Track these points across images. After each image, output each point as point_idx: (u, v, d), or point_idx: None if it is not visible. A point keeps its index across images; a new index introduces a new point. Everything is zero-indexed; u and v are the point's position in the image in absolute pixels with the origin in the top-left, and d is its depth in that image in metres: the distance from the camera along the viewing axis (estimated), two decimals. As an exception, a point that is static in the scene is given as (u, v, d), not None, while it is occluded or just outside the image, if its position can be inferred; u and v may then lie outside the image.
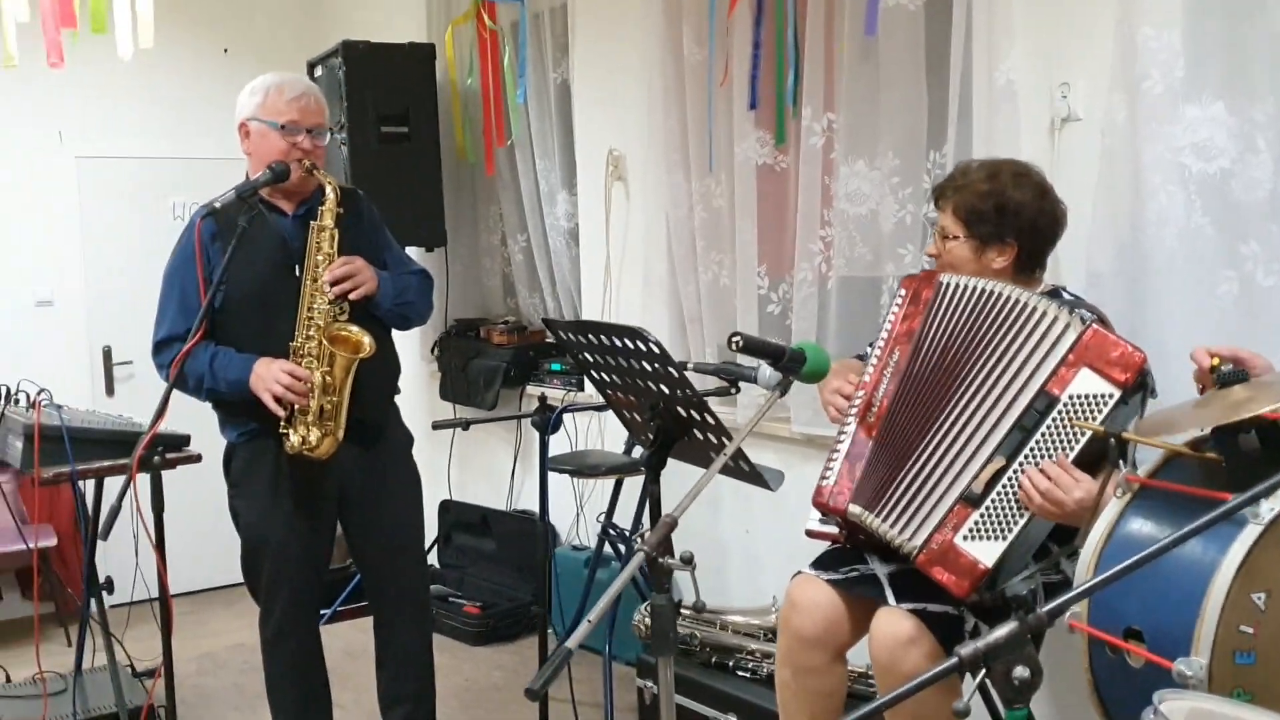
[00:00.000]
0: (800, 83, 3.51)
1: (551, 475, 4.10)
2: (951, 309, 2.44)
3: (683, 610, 2.13)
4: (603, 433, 4.51)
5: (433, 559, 5.14)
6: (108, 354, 5.54)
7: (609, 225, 4.45)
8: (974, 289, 2.41)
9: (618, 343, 2.32)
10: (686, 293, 4.06)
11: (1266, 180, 2.42)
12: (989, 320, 2.36)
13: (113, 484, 3.45)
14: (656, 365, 2.27)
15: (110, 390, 5.55)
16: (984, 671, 1.36)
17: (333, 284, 2.95)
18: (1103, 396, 2.16)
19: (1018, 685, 1.36)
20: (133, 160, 5.54)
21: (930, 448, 2.37)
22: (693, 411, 2.27)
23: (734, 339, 2.20)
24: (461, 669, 4.29)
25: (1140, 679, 1.61)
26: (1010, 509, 2.22)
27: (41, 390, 3.45)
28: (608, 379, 2.53)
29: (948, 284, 2.47)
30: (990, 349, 2.34)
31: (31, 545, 3.63)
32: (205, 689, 4.33)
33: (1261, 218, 2.44)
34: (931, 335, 2.46)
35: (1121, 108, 2.62)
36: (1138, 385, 2.19)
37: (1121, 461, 1.81)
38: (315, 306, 2.97)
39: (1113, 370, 2.16)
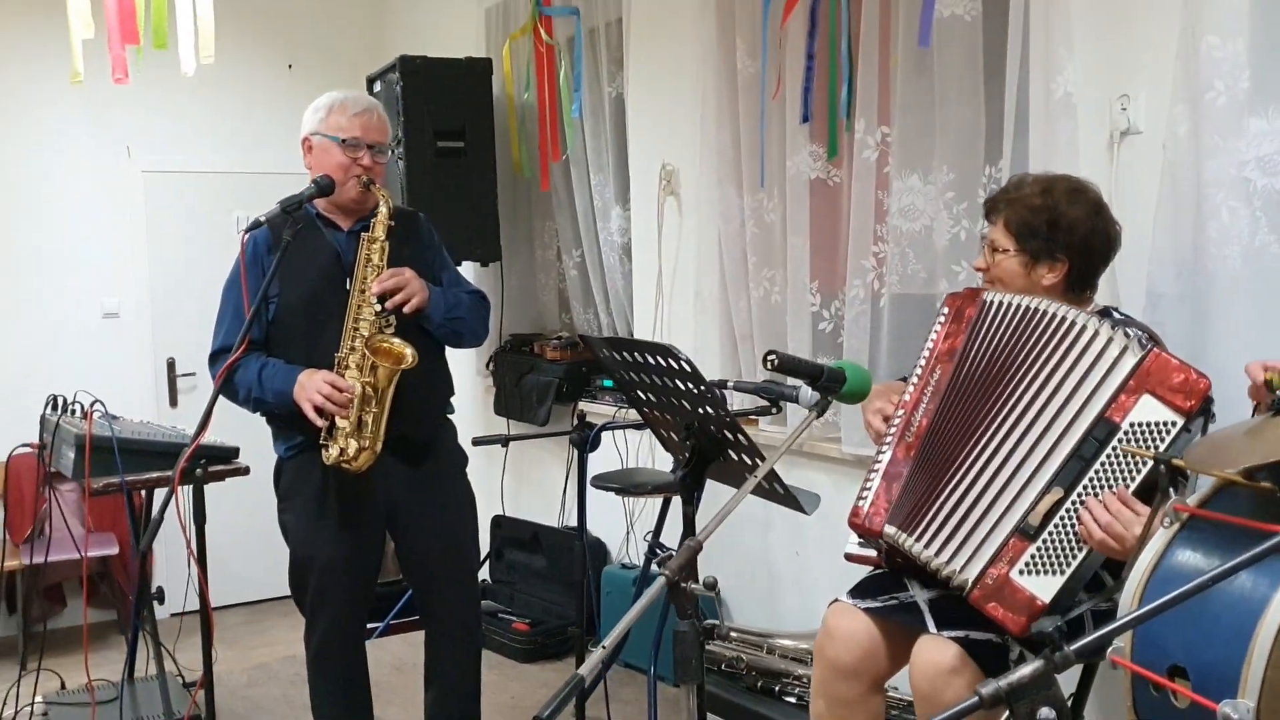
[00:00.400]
0: (854, 95, 3.44)
1: (603, 493, 4.08)
2: (996, 327, 2.35)
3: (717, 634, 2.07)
4: (654, 451, 4.46)
5: (484, 574, 5.12)
6: (171, 365, 5.63)
7: (661, 240, 4.41)
8: (1019, 307, 2.32)
9: (650, 360, 2.27)
10: (738, 309, 4.00)
11: (1336, 196, 2.30)
12: (1035, 338, 2.27)
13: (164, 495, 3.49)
14: (689, 384, 2.22)
15: (174, 402, 5.64)
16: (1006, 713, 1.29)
17: (381, 296, 2.95)
18: (1166, 425, 2.07)
19: (1042, 728, 1.28)
20: (198, 174, 5.64)
21: (973, 470, 2.28)
22: (726, 431, 2.22)
23: (769, 358, 2.14)
24: (509, 687, 4.26)
25: (1186, 721, 1.52)
26: (1068, 542, 2.13)
27: (95, 401, 3.48)
28: (644, 397, 2.48)
29: (991, 302, 2.39)
30: (1037, 368, 2.24)
31: (83, 554, 3.62)
32: (254, 699, 4.35)
33: (1330, 236, 2.32)
34: (974, 354, 2.37)
35: (1184, 120, 2.51)
36: (1200, 412, 2.09)
37: (1173, 490, 1.71)
38: (362, 317, 2.96)
39: (1176, 397, 2.07)
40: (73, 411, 3.62)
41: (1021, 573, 2.16)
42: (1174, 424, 2.06)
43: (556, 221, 5.18)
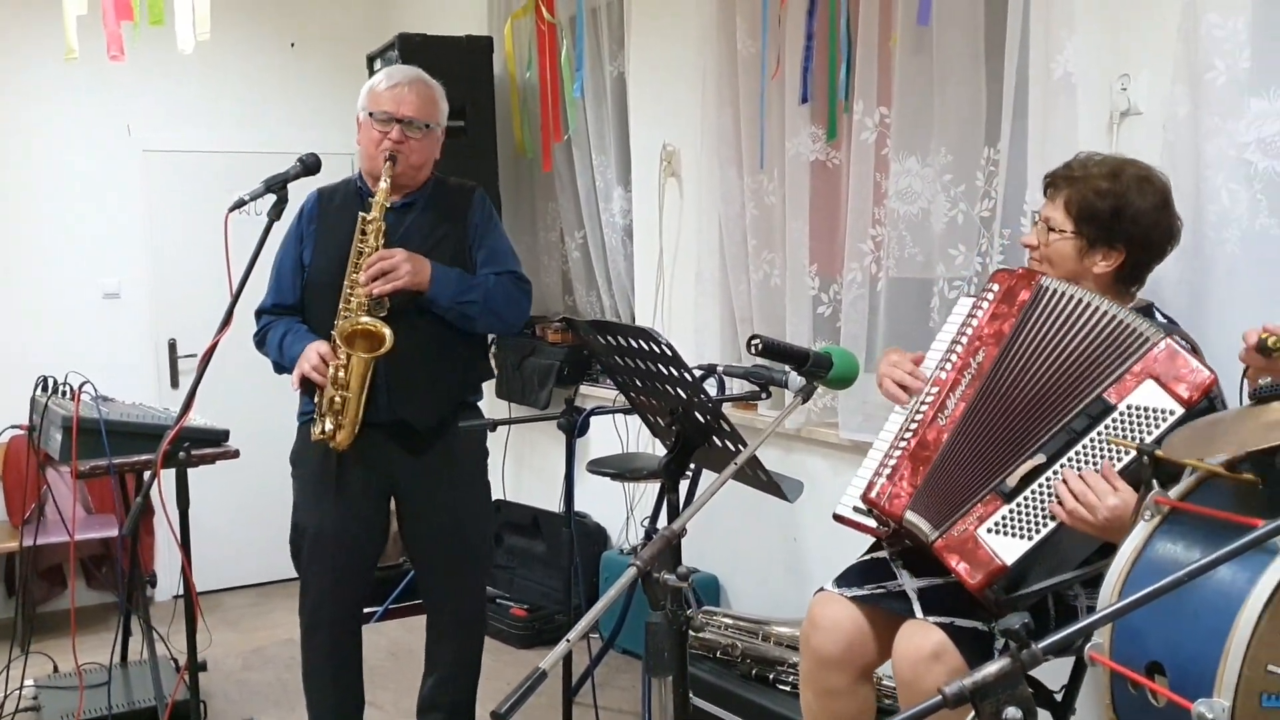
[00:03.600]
0: (853, 76, 3.38)
1: (602, 478, 4.04)
2: (1050, 317, 2.23)
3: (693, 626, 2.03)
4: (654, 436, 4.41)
5: (484, 558, 5.10)
6: (173, 346, 5.61)
7: (663, 222, 4.36)
8: (1076, 300, 2.21)
9: (633, 343, 2.23)
10: (738, 292, 3.95)
11: (1339, 178, 2.24)
12: (1087, 336, 2.17)
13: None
14: (672, 368, 2.17)
15: (175, 383, 5.62)
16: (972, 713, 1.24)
17: (368, 281, 2.91)
18: (1162, 412, 2.03)
19: (1009, 728, 1.23)
20: (199, 154, 5.60)
21: (1006, 462, 2.18)
22: (709, 417, 2.17)
23: (754, 342, 2.09)
24: (504, 673, 4.23)
25: (1164, 719, 1.47)
26: (1042, 510, 2.09)
27: (85, 382, 3.46)
28: (630, 381, 2.44)
29: (1049, 288, 2.26)
30: (1082, 366, 2.15)
31: (72, 537, 3.60)
32: (248, 683, 4.34)
33: (1332, 219, 2.26)
34: (1024, 343, 2.24)
35: (1184, 101, 2.45)
36: (1203, 408, 2.03)
37: (1155, 482, 1.66)
38: (354, 296, 2.93)
39: (1178, 386, 2.03)
40: (63, 393, 3.60)
41: (990, 531, 2.12)
42: (1171, 412, 2.02)
43: (559, 203, 5.13)
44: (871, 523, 2.40)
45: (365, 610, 3.41)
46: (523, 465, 5.24)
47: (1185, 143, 2.43)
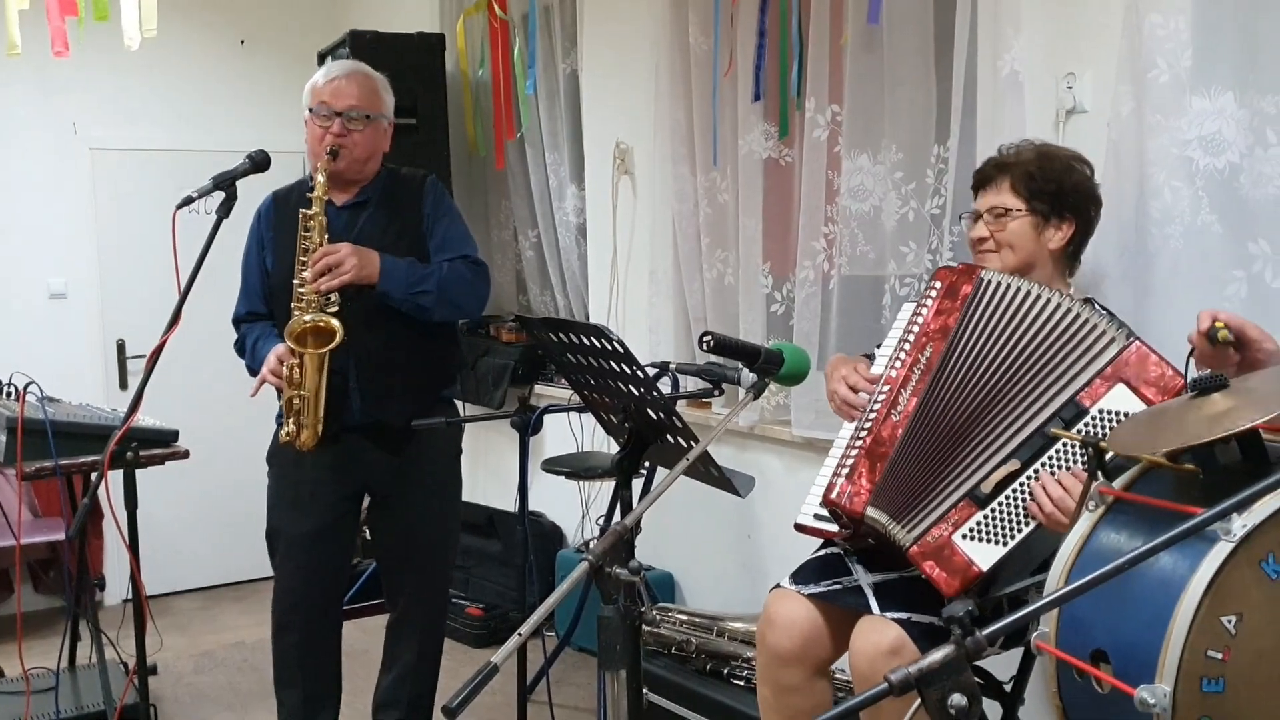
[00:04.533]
0: (805, 73, 3.40)
1: (558, 477, 4.04)
2: (992, 309, 2.26)
3: (645, 620, 2.04)
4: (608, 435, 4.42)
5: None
6: (121, 347, 5.53)
7: (616, 221, 4.37)
8: (1017, 289, 2.25)
9: (585, 341, 2.22)
10: (691, 290, 3.96)
11: (1277, 175, 2.28)
12: (1033, 326, 2.21)
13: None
14: (623, 365, 2.17)
15: (124, 384, 5.54)
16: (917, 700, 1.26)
17: (315, 277, 2.88)
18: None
19: (954, 714, 1.24)
20: (147, 152, 5.53)
21: (972, 464, 2.20)
22: (661, 414, 2.18)
23: (705, 339, 2.09)
24: (459, 671, 4.21)
25: (1109, 705, 1.49)
26: (1016, 515, 2.11)
27: (30, 382, 3.40)
28: (582, 379, 2.43)
29: (989, 281, 2.29)
30: (1033, 357, 2.19)
31: (18, 540, 3.55)
32: (199, 687, 4.29)
33: (1272, 215, 2.30)
34: (968, 335, 2.28)
35: (1128, 99, 2.49)
36: None
37: (1100, 473, 1.69)
38: (304, 295, 2.90)
39: (1148, 390, 2.07)
40: (8, 394, 3.54)
41: (965, 537, 2.14)
42: None
43: (512, 201, 5.12)
44: (834, 527, 2.40)
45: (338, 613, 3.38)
46: (478, 465, 5.21)
47: (1129, 140, 2.47)
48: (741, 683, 3.35)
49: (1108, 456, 1.68)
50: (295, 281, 2.91)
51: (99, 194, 5.46)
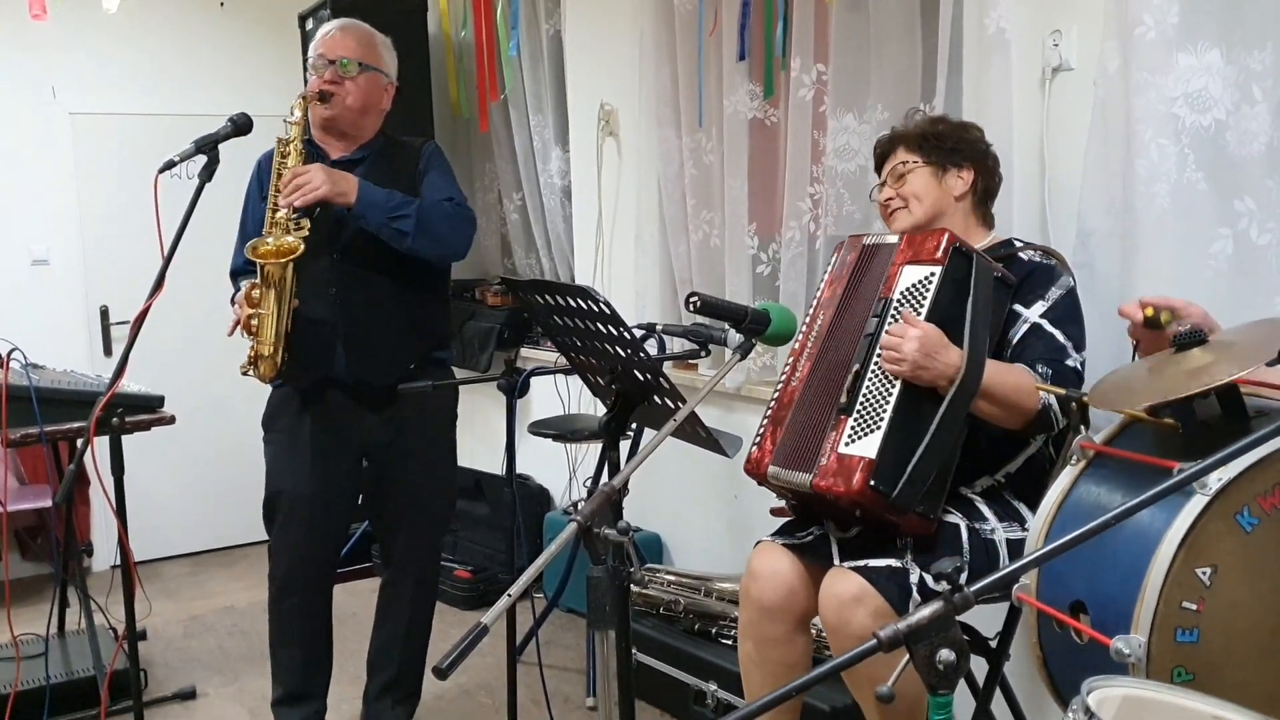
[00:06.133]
0: (790, 32, 3.38)
1: (545, 440, 4.04)
2: (866, 270, 2.42)
3: (633, 580, 2.06)
4: (595, 397, 4.42)
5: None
6: (105, 313, 5.50)
7: (601, 183, 4.35)
8: (889, 246, 2.39)
9: (571, 302, 2.22)
10: (677, 253, 3.95)
11: (1262, 133, 2.28)
12: (873, 270, 2.40)
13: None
14: (610, 326, 2.17)
15: (108, 350, 5.51)
16: (906, 656, 1.27)
17: (285, 196, 2.85)
18: (926, 279, 2.24)
19: (942, 669, 1.26)
20: (128, 116, 5.46)
21: (834, 395, 2.34)
22: (648, 375, 2.18)
23: (691, 299, 2.10)
24: (449, 633, 4.23)
25: (1087, 655, 1.51)
26: (876, 401, 2.24)
27: (14, 349, 3.38)
28: (569, 341, 2.43)
29: (870, 244, 2.46)
30: (869, 294, 2.37)
31: (4, 507, 3.53)
32: (189, 651, 4.30)
33: (1257, 172, 2.30)
34: (848, 297, 2.43)
35: (1114, 56, 2.47)
36: (963, 265, 2.23)
37: (1083, 427, 1.70)
38: (276, 221, 2.88)
39: (923, 254, 2.26)
40: (-7, 361, 3.52)
41: (847, 444, 2.25)
42: (931, 275, 2.24)
43: (496, 164, 5.10)
44: (781, 502, 2.53)
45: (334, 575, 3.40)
46: (464, 429, 5.16)
47: (1116, 98, 2.46)
48: (730, 642, 3.37)
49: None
50: (268, 205, 2.90)
51: (80, 159, 5.40)
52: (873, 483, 2.17)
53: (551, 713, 3.27)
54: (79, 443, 3.41)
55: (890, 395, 2.22)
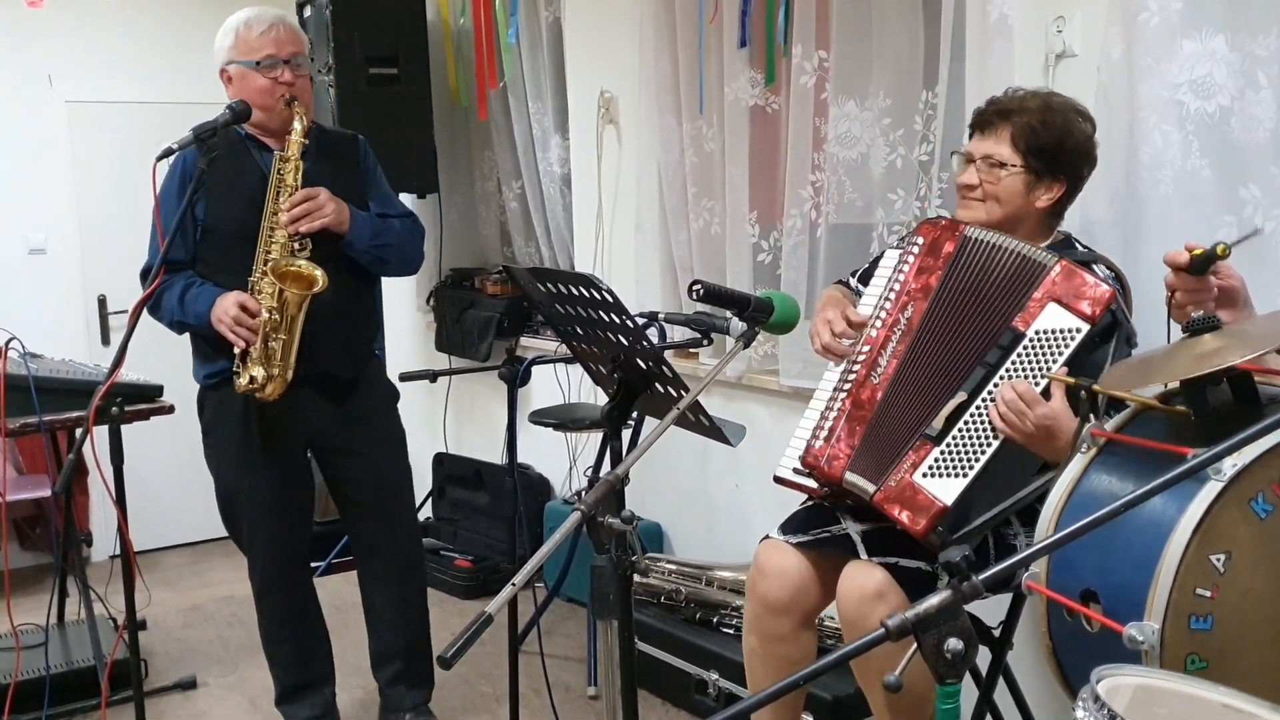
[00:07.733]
0: (791, 19, 3.36)
1: (545, 429, 4.03)
2: (971, 268, 2.26)
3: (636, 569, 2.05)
4: (595, 386, 4.41)
5: (427, 512, 5.08)
6: (102, 302, 5.48)
7: (601, 171, 4.33)
8: (994, 246, 2.24)
9: (573, 290, 2.21)
10: (678, 241, 3.94)
11: (1268, 119, 2.27)
12: (1001, 279, 2.21)
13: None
14: (612, 315, 2.16)
15: (106, 339, 5.50)
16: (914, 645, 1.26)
17: (292, 220, 2.86)
18: (1069, 331, 2.09)
19: (950, 659, 1.25)
20: (125, 104, 5.43)
21: (929, 409, 2.22)
22: (650, 363, 2.17)
23: (695, 287, 2.09)
24: (449, 623, 4.23)
25: (1097, 644, 1.51)
26: (972, 446, 2.12)
27: (11, 338, 3.36)
28: (571, 329, 2.42)
29: (973, 239, 2.28)
30: (987, 303, 2.21)
31: (3, 497, 3.52)
32: (188, 641, 4.30)
33: (1262, 159, 2.29)
34: (949, 296, 2.28)
35: (1118, 42, 2.46)
36: (1108, 324, 2.10)
37: (1093, 415, 1.69)
38: (274, 240, 2.89)
39: (1080, 304, 2.09)
40: (-9, 350, 3.50)
41: (925, 476, 2.16)
42: (1077, 330, 2.08)
43: (495, 152, 5.07)
44: (812, 483, 2.43)
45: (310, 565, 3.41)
46: (464, 418, 5.21)
47: (1119, 84, 2.45)
48: (731, 631, 3.37)
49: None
50: (266, 224, 2.89)
51: (77, 148, 5.37)
52: (937, 530, 2.12)
53: (553, 702, 3.27)
54: (78, 432, 3.39)
55: (988, 447, 2.10)
